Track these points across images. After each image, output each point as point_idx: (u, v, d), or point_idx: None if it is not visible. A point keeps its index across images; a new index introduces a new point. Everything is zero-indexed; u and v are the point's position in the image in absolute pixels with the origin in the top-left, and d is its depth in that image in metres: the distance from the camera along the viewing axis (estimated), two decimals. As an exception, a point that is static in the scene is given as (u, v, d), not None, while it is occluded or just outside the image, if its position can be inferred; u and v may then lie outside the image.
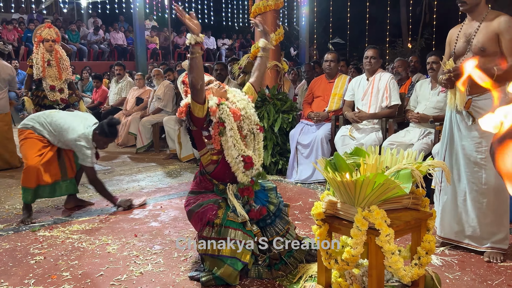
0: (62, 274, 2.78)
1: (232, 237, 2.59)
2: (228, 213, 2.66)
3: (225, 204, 2.72)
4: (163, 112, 7.21)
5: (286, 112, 5.58)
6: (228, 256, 2.57)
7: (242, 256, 2.58)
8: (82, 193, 4.70)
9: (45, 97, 6.38)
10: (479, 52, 2.82)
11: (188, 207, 2.79)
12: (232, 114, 2.70)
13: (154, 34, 16.51)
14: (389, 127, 4.67)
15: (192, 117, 2.68)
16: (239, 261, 2.58)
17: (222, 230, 2.62)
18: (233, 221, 2.64)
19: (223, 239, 2.60)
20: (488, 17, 2.85)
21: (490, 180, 2.89)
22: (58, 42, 6.49)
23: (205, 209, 2.69)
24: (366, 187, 2.05)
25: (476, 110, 2.90)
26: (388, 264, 2.09)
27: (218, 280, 2.59)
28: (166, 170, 5.82)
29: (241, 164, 2.71)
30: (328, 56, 5.38)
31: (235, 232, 2.62)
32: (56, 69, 6.38)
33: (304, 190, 4.76)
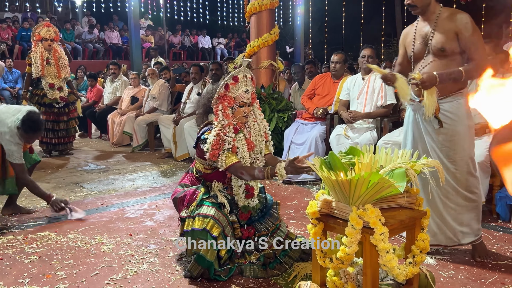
0: (57, 274, 2.77)
1: (204, 212, 2.67)
2: (205, 198, 2.77)
3: (206, 190, 2.85)
4: (158, 111, 7.20)
5: (282, 111, 5.58)
6: (198, 228, 2.63)
7: (212, 229, 2.63)
8: (76, 192, 4.70)
9: (44, 96, 6.40)
10: (438, 53, 2.78)
11: (174, 196, 2.93)
12: (246, 144, 2.77)
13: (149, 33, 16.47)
14: (383, 127, 4.68)
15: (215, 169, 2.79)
16: (208, 233, 2.62)
17: (197, 208, 2.72)
18: (209, 201, 2.74)
19: (197, 214, 2.68)
20: (442, 15, 2.79)
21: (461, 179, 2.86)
22: (56, 41, 6.53)
23: (186, 193, 2.84)
24: (360, 186, 2.06)
25: (442, 113, 2.81)
26: (383, 262, 2.10)
27: (199, 260, 2.62)
28: (161, 169, 5.81)
29: (243, 193, 2.81)
30: (335, 58, 5.34)
31: (208, 208, 2.70)
32: (55, 68, 6.41)
33: (299, 189, 4.77)
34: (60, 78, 6.46)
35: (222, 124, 2.70)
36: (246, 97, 2.77)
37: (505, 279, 2.64)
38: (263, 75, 5.80)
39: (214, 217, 2.65)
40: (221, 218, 2.68)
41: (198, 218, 2.66)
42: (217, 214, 2.68)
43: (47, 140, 6.56)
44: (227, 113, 2.73)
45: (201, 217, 2.65)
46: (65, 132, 6.67)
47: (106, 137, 8.29)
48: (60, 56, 6.48)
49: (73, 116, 6.77)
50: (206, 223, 2.62)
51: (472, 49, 2.74)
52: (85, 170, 5.83)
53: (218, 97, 2.74)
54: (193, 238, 2.65)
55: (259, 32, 5.75)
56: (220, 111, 2.72)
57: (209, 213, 2.66)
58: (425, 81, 2.68)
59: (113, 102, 8.23)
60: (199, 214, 2.67)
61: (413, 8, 2.83)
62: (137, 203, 4.29)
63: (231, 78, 2.74)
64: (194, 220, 2.67)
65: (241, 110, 2.77)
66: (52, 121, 6.51)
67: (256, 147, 2.85)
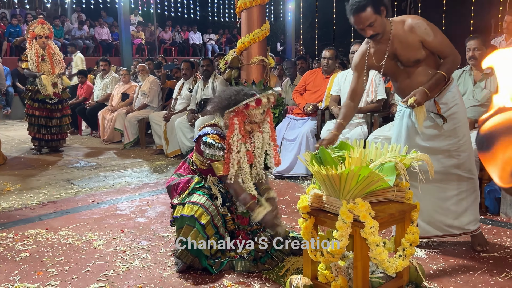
0: (48, 271, 2.76)
1: (194, 200, 2.71)
2: (198, 187, 2.81)
3: (200, 179, 2.88)
4: (149, 107, 7.18)
5: (273, 107, 5.58)
6: (186, 215, 2.66)
7: (200, 217, 2.65)
8: (67, 189, 4.68)
9: (37, 92, 6.39)
10: (414, 64, 2.76)
11: (168, 183, 2.98)
12: (247, 157, 2.78)
13: (140, 30, 16.38)
14: (374, 122, 4.71)
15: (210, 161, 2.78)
16: (196, 220, 2.64)
17: (188, 196, 2.76)
18: (201, 191, 2.78)
19: (187, 202, 2.72)
20: (396, 31, 2.74)
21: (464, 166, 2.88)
22: (51, 38, 6.58)
23: (180, 181, 2.87)
24: (350, 180, 2.07)
25: (441, 106, 2.82)
26: (373, 255, 2.12)
27: (191, 250, 2.64)
28: (153, 166, 5.80)
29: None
30: (326, 53, 5.34)
31: (199, 197, 2.73)
32: (49, 64, 6.42)
33: (291, 185, 4.79)
34: (54, 74, 6.47)
35: (236, 140, 2.70)
36: (260, 118, 2.75)
37: (494, 271, 2.67)
38: (254, 71, 5.79)
39: (203, 205, 2.69)
40: (211, 208, 2.71)
41: (188, 205, 2.70)
42: (207, 203, 2.71)
43: (40, 136, 6.54)
44: (242, 129, 2.71)
45: (191, 204, 2.70)
46: (58, 128, 6.66)
47: (97, 134, 8.25)
48: (54, 53, 6.51)
49: (66, 113, 6.76)
50: (194, 210, 2.66)
51: (440, 49, 2.76)
52: (75, 167, 5.81)
53: (235, 110, 2.69)
54: (182, 224, 2.68)
55: (249, 28, 5.73)
56: (237, 125, 2.69)
57: (199, 201, 2.70)
58: (420, 101, 2.66)
59: (103, 98, 8.19)
60: (190, 201, 2.72)
61: (376, 36, 2.75)
62: (128, 200, 4.28)
63: (254, 101, 2.67)
64: (184, 207, 2.71)
65: (248, 126, 2.76)
66: (45, 117, 6.50)
67: (255, 159, 2.86)
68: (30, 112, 6.46)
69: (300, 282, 2.30)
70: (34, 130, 6.52)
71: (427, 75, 2.76)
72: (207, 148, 2.73)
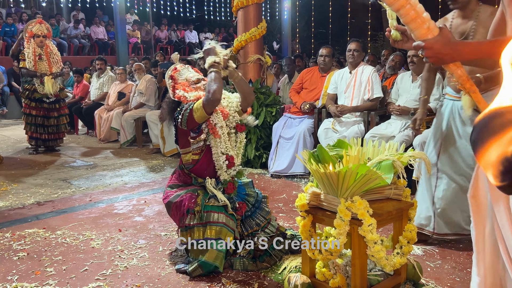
0: (46, 270, 2.76)
1: (215, 220, 2.64)
2: (207, 199, 2.72)
3: (203, 192, 2.78)
4: (146, 106, 7.16)
5: (270, 106, 5.59)
6: (213, 238, 2.60)
7: (225, 237, 2.62)
8: (64, 188, 4.67)
9: (35, 91, 6.37)
10: None
11: (167, 199, 2.83)
12: (221, 113, 2.80)
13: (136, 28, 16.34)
14: (371, 120, 4.72)
15: (189, 119, 2.72)
16: (222, 241, 2.61)
17: (204, 215, 2.67)
18: (214, 206, 2.69)
19: (207, 222, 2.64)
20: (482, 14, 2.77)
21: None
22: (49, 37, 6.58)
23: (183, 198, 2.74)
24: (348, 178, 2.08)
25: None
26: (371, 253, 2.13)
27: (204, 266, 2.60)
28: (150, 165, 5.80)
29: (225, 163, 2.80)
30: (323, 51, 5.35)
31: (218, 215, 2.66)
32: (47, 63, 6.42)
33: (288, 183, 4.80)
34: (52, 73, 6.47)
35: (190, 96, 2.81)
36: (195, 75, 2.92)
37: (490, 268, 2.69)
38: (251, 70, 5.79)
39: (225, 224, 2.64)
40: (231, 223, 2.67)
41: (210, 226, 2.63)
42: (227, 220, 2.66)
43: (37, 135, 6.53)
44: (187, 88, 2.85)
45: (214, 225, 2.63)
46: (56, 128, 6.65)
47: (93, 133, 8.23)
48: (52, 52, 6.51)
49: (64, 112, 6.75)
50: (220, 232, 2.61)
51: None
52: (72, 166, 5.79)
53: (173, 89, 2.86)
54: (205, 252, 2.61)
55: (246, 26, 5.73)
56: (181, 91, 2.84)
57: (220, 220, 2.64)
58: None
59: (99, 98, 8.17)
60: (210, 222, 2.64)
61: (453, 2, 2.82)
62: (125, 199, 4.27)
63: (170, 71, 2.93)
64: (205, 228, 2.64)
65: (200, 85, 2.88)
66: (43, 117, 6.49)
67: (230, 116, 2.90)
68: (27, 112, 6.45)
69: (298, 280, 2.31)
70: (31, 129, 6.51)
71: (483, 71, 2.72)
72: (179, 115, 2.76)
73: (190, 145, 2.84)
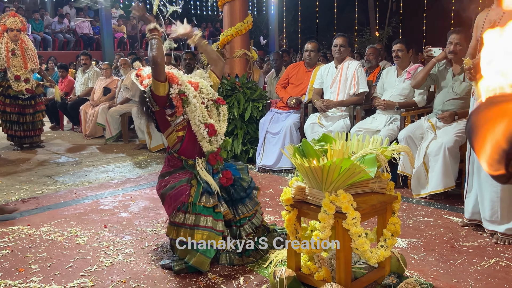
0: (30, 267, 2.74)
1: (203, 224, 2.63)
2: (198, 199, 2.68)
3: (196, 182, 2.75)
4: (132, 102, 7.11)
5: (256, 101, 5.59)
6: (198, 242, 2.59)
7: (214, 241, 2.61)
8: (49, 185, 4.63)
9: (9, 87, 6.22)
10: None
11: (160, 191, 2.79)
12: (190, 84, 2.83)
13: (121, 23, 16.19)
14: (356, 114, 4.74)
15: (154, 97, 2.74)
16: (211, 247, 2.61)
17: (194, 217, 2.64)
18: (204, 207, 2.67)
19: (194, 225, 2.63)
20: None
21: None
22: (23, 31, 6.34)
23: (178, 191, 2.70)
24: (333, 172, 2.09)
25: None
26: (355, 246, 2.15)
27: (190, 269, 2.61)
28: (136, 161, 5.77)
29: (205, 131, 2.79)
30: (308, 46, 5.35)
31: (206, 218, 2.65)
32: (21, 59, 6.22)
33: (275, 178, 4.81)
34: (27, 69, 6.30)
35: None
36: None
37: (473, 260, 2.73)
38: (237, 65, 5.78)
39: (212, 228, 2.63)
40: (219, 226, 2.67)
41: (197, 231, 2.62)
42: (214, 223, 2.65)
43: (12, 132, 6.40)
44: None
45: (201, 230, 2.62)
46: (31, 125, 6.50)
47: (79, 129, 8.16)
48: (27, 47, 6.30)
49: (39, 108, 6.60)
50: (206, 237, 2.60)
51: None
52: (57, 162, 5.74)
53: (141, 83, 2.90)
54: (193, 251, 2.61)
55: (232, 21, 5.71)
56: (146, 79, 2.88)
57: (208, 224, 2.63)
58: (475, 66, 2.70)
59: (85, 93, 8.09)
60: (199, 226, 2.63)
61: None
62: (111, 195, 4.25)
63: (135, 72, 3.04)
64: (193, 232, 2.62)
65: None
66: (18, 114, 6.35)
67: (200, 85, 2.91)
68: (1, 108, 6.30)
69: (283, 274, 2.32)
70: (6, 126, 6.36)
71: None
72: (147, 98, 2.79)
73: (170, 124, 2.82)
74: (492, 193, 2.99)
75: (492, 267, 2.64)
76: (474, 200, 3.17)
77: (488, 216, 3.04)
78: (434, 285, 2.44)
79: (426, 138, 3.94)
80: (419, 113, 4.39)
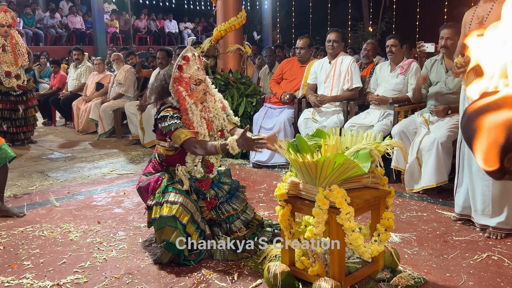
0: (23, 263, 2.72)
1: (172, 199, 2.64)
2: (170, 184, 2.73)
3: (169, 176, 2.80)
4: (125, 97, 7.07)
5: (250, 96, 5.58)
6: (166, 215, 2.59)
7: (180, 216, 2.60)
8: (42, 181, 4.60)
9: (0, 84, 6.14)
10: None
11: (138, 185, 2.87)
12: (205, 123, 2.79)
13: (114, 18, 16.09)
14: (350, 110, 4.75)
15: (169, 133, 2.71)
16: (177, 220, 2.59)
17: (164, 195, 2.68)
18: (175, 188, 2.71)
19: (164, 201, 2.65)
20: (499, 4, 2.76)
21: None
22: (14, 26, 6.26)
23: (150, 181, 2.79)
24: (326, 167, 2.09)
25: None
26: (349, 241, 2.15)
27: (169, 247, 2.60)
28: (129, 156, 5.74)
29: (202, 168, 2.80)
30: (299, 43, 5.32)
31: (176, 196, 2.67)
32: (12, 55, 6.15)
33: (269, 173, 4.81)
34: (18, 65, 6.23)
35: (190, 104, 2.73)
36: (200, 74, 2.80)
37: (466, 254, 2.75)
38: (230, 60, 5.77)
39: (182, 204, 2.63)
40: (190, 205, 2.67)
41: (166, 205, 2.63)
42: (185, 201, 2.66)
43: (4, 129, 6.33)
44: (190, 92, 2.75)
45: (169, 203, 2.62)
46: (24, 121, 6.42)
47: (71, 124, 8.11)
48: (17, 43, 6.22)
49: (31, 104, 6.52)
50: (174, 210, 2.59)
51: None
52: (50, 158, 5.71)
53: (175, 80, 2.74)
54: (162, 225, 2.62)
55: (225, 16, 5.70)
56: (184, 91, 2.72)
57: (177, 200, 2.64)
58: (467, 61, 2.71)
59: (77, 88, 8.03)
60: (167, 201, 2.64)
61: None
62: (104, 191, 4.23)
63: (182, 59, 2.74)
64: (161, 207, 2.63)
65: (199, 89, 2.78)
66: (9, 110, 6.26)
67: (213, 125, 2.87)
68: None
69: (277, 269, 2.32)
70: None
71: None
72: (164, 121, 2.70)
73: (166, 141, 2.82)
74: (484, 187, 3.00)
75: (485, 261, 2.66)
76: (465, 195, 3.18)
77: (479, 210, 3.06)
78: (427, 279, 2.46)
79: (419, 133, 3.96)
80: (412, 108, 4.40)
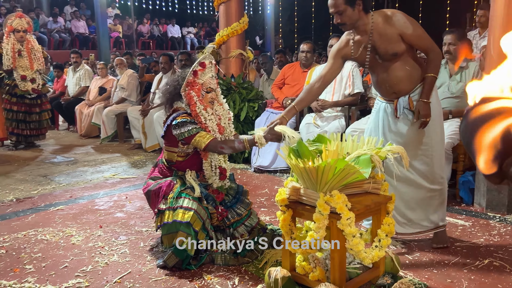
0: (25, 267, 2.73)
1: (186, 205, 2.65)
2: (183, 188, 2.74)
3: (181, 182, 2.81)
4: (127, 102, 7.10)
5: (252, 101, 5.60)
6: (181, 221, 2.60)
7: (194, 223, 2.61)
8: (44, 185, 4.61)
9: (15, 86, 6.25)
10: (392, 58, 2.75)
11: (146, 189, 2.87)
12: (217, 127, 2.82)
13: (117, 22, 16.16)
14: (351, 115, 4.76)
15: (187, 139, 2.73)
16: (191, 226, 2.60)
17: (177, 201, 2.68)
18: (188, 194, 2.71)
19: (177, 207, 2.66)
20: (377, 23, 2.72)
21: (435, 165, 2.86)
22: (30, 31, 6.38)
23: (161, 185, 2.79)
24: (327, 172, 2.10)
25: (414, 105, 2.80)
26: (350, 246, 2.16)
27: (177, 253, 2.60)
28: (131, 161, 5.76)
29: (218, 176, 2.84)
30: (304, 47, 5.35)
31: (190, 202, 2.67)
32: (28, 60, 6.26)
33: (270, 178, 4.82)
34: (33, 70, 6.33)
35: (199, 108, 2.75)
36: (213, 83, 2.81)
37: (467, 260, 2.74)
38: (233, 65, 5.79)
39: (196, 211, 2.63)
40: (202, 212, 2.67)
41: (180, 210, 2.63)
42: (199, 208, 2.66)
43: (19, 131, 6.42)
44: (201, 99, 2.77)
45: (184, 209, 2.63)
46: (38, 124, 6.55)
47: (74, 128, 8.14)
48: (33, 48, 6.34)
49: (45, 108, 6.65)
50: (189, 217, 2.60)
51: (419, 42, 2.75)
52: (53, 162, 5.73)
53: (187, 84, 2.75)
54: (174, 229, 2.61)
55: (228, 21, 5.72)
56: (195, 96, 2.74)
57: (191, 206, 2.64)
58: (427, 114, 2.70)
59: (78, 92, 8.06)
60: (181, 206, 2.64)
61: (343, 26, 2.78)
62: (106, 195, 4.25)
63: (198, 65, 2.75)
64: (175, 212, 2.64)
65: (208, 96, 2.80)
66: (24, 112, 6.39)
67: (225, 130, 2.90)
68: (8, 107, 6.34)
69: (278, 274, 2.33)
70: (12, 125, 6.40)
71: (404, 70, 2.75)
72: (181, 127, 2.71)
73: (177, 147, 2.83)
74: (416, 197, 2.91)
75: (486, 267, 2.66)
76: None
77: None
78: (428, 285, 2.46)
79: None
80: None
